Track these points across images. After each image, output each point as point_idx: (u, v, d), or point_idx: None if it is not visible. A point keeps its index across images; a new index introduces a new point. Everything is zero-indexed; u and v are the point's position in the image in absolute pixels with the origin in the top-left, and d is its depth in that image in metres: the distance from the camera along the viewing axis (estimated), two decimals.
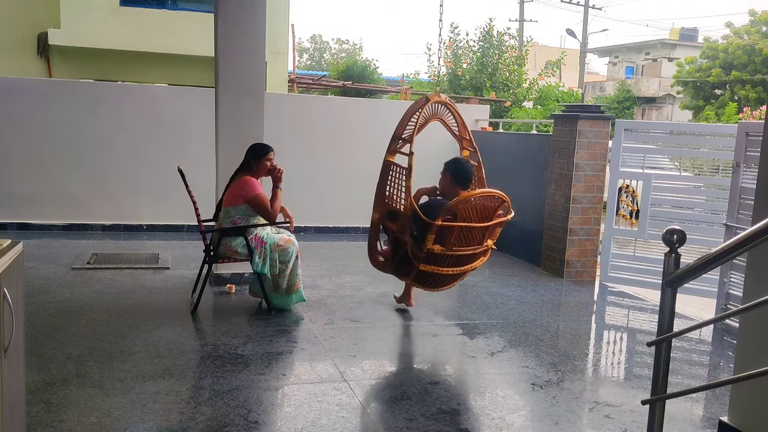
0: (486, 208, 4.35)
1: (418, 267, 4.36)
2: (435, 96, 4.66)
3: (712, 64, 27.09)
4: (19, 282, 2.32)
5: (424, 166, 5.28)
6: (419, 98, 4.72)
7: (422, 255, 4.28)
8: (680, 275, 2.48)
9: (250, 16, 5.62)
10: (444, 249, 4.27)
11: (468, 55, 19.05)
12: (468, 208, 4.25)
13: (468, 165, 4.68)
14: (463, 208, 4.23)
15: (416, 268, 4.38)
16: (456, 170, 4.64)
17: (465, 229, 4.30)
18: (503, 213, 4.47)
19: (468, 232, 4.33)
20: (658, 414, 2.60)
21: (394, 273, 4.77)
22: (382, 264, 4.90)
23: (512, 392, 3.80)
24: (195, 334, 4.54)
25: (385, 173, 4.70)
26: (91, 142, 7.81)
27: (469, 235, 4.36)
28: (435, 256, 4.29)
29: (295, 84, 14.88)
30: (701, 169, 6.72)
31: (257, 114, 5.73)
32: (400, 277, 4.75)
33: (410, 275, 4.55)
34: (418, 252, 4.30)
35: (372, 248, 4.87)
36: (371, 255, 4.92)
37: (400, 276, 4.73)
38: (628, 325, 5.59)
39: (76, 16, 11.57)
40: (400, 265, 4.61)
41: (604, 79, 41.72)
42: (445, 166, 4.74)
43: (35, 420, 3.11)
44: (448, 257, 4.35)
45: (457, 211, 4.21)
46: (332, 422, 3.27)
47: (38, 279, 5.63)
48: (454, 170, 4.64)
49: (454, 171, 4.64)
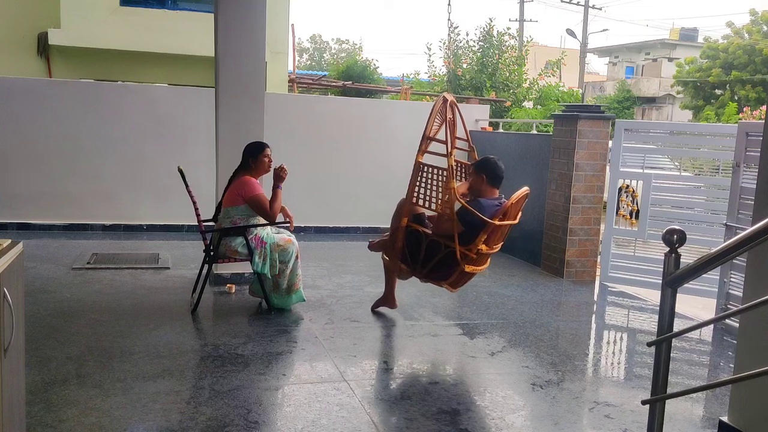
0: (519, 205, 4.54)
1: (464, 268, 4.35)
2: (448, 96, 4.76)
3: (712, 64, 27.10)
4: (19, 282, 2.32)
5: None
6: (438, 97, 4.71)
7: (473, 255, 4.31)
8: (680, 275, 2.48)
9: (250, 16, 5.62)
10: (489, 248, 4.41)
11: (468, 55, 19.05)
12: (513, 207, 4.42)
13: (501, 164, 4.66)
14: (512, 208, 4.39)
15: (460, 269, 4.36)
16: (493, 171, 4.60)
17: (504, 227, 4.46)
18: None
19: (504, 229, 4.50)
20: (658, 414, 2.60)
21: (426, 278, 4.65)
22: (408, 272, 4.72)
23: (512, 392, 3.80)
24: (195, 334, 4.54)
25: (416, 174, 4.57)
26: (91, 142, 7.81)
27: (504, 232, 4.56)
28: (481, 255, 4.39)
29: (295, 84, 14.89)
30: (701, 169, 6.71)
31: (257, 114, 5.73)
32: (435, 281, 4.64)
33: (450, 278, 4.49)
34: (469, 253, 4.30)
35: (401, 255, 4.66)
36: (395, 263, 4.74)
37: (436, 280, 4.62)
38: (628, 325, 5.59)
39: (76, 16, 11.57)
40: (436, 269, 4.49)
41: (604, 79, 41.72)
42: (478, 167, 4.66)
43: (35, 420, 3.11)
44: (487, 255, 4.50)
45: (509, 210, 4.37)
46: (332, 422, 3.27)
47: (38, 279, 5.63)
48: (490, 170, 4.60)
49: (490, 171, 4.60)
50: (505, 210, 4.37)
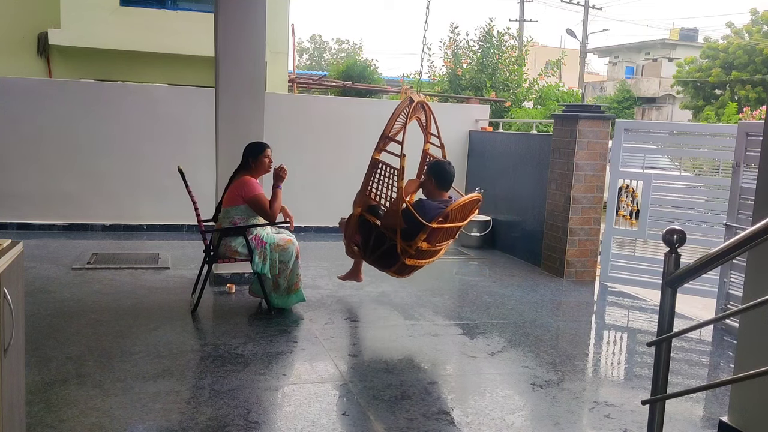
0: (466, 210, 4.80)
1: (404, 261, 4.63)
2: (417, 96, 4.92)
3: (712, 64, 27.09)
4: (19, 282, 2.32)
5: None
6: (404, 99, 4.94)
7: (413, 252, 4.58)
8: (680, 275, 2.48)
9: (250, 16, 5.62)
10: (430, 246, 4.63)
11: (468, 55, 19.04)
12: (457, 212, 4.64)
13: (451, 169, 4.90)
14: (454, 212, 4.60)
15: (401, 261, 4.66)
16: (441, 175, 4.85)
17: (450, 228, 4.72)
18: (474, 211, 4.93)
19: (451, 230, 4.77)
20: (658, 414, 2.60)
21: (373, 263, 4.99)
22: (358, 253, 5.12)
23: (512, 392, 3.80)
24: (195, 334, 4.54)
25: (371, 170, 4.88)
26: (91, 142, 7.81)
27: (451, 233, 4.83)
28: (421, 251, 4.63)
29: (295, 84, 14.89)
30: (701, 169, 6.71)
31: (257, 114, 5.73)
32: (379, 268, 4.98)
33: (392, 267, 4.83)
34: (409, 249, 4.56)
35: (350, 238, 5.06)
36: (348, 245, 5.13)
37: (380, 267, 4.96)
38: (628, 325, 5.59)
39: (76, 15, 11.56)
40: (382, 258, 4.84)
41: (604, 79, 41.72)
42: (427, 170, 4.94)
43: (35, 420, 3.11)
44: (430, 252, 4.72)
45: (450, 214, 4.58)
46: (332, 422, 3.27)
47: (38, 279, 5.63)
48: (439, 175, 4.85)
49: (439, 176, 4.85)
50: (446, 214, 4.55)
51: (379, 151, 4.84)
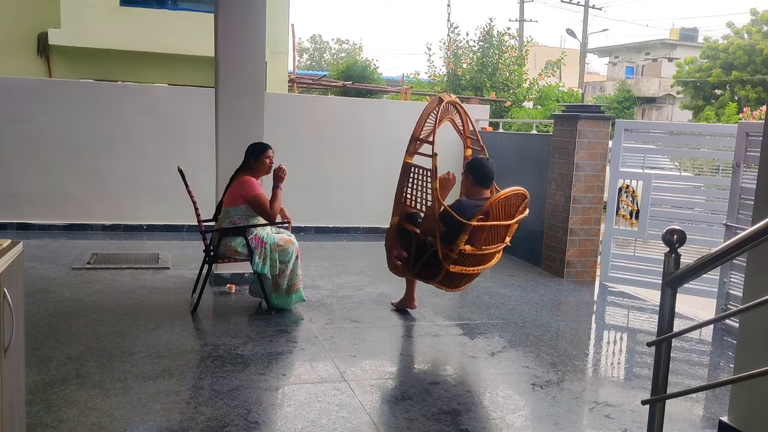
0: (511, 206, 4.46)
1: (448, 268, 4.37)
2: (446, 96, 4.73)
3: (713, 64, 27.09)
4: (19, 282, 2.32)
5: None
6: (432, 99, 4.73)
7: (455, 256, 4.32)
8: (680, 275, 2.48)
9: (250, 16, 5.62)
10: (474, 249, 4.35)
11: (468, 55, 19.04)
12: (500, 208, 4.34)
13: (489, 165, 4.66)
14: (496, 208, 4.32)
15: (445, 269, 4.39)
16: (478, 171, 4.61)
17: (493, 228, 4.41)
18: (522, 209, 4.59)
19: (495, 230, 4.45)
20: (658, 414, 2.60)
21: (417, 276, 4.75)
22: (401, 269, 4.85)
23: (512, 392, 3.80)
24: (195, 334, 4.54)
25: (405, 175, 4.67)
26: (91, 142, 7.81)
27: (496, 234, 4.48)
28: (465, 256, 4.36)
29: (295, 84, 14.88)
30: (701, 169, 6.71)
31: (257, 114, 5.73)
32: (424, 280, 4.72)
33: (437, 278, 4.54)
34: (450, 253, 4.32)
35: (390, 252, 4.83)
36: (390, 260, 4.88)
37: (425, 279, 4.69)
38: (628, 325, 5.59)
39: (76, 15, 11.56)
40: (425, 268, 4.56)
41: (604, 79, 41.72)
42: (467, 168, 4.69)
43: (35, 420, 3.11)
44: (476, 256, 4.43)
45: (491, 210, 4.30)
46: (332, 422, 3.27)
47: (38, 279, 5.63)
48: (477, 171, 4.61)
49: (477, 172, 4.61)
50: (485, 210, 4.29)
51: (410, 154, 4.61)
